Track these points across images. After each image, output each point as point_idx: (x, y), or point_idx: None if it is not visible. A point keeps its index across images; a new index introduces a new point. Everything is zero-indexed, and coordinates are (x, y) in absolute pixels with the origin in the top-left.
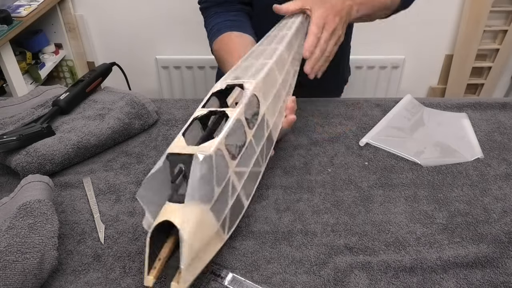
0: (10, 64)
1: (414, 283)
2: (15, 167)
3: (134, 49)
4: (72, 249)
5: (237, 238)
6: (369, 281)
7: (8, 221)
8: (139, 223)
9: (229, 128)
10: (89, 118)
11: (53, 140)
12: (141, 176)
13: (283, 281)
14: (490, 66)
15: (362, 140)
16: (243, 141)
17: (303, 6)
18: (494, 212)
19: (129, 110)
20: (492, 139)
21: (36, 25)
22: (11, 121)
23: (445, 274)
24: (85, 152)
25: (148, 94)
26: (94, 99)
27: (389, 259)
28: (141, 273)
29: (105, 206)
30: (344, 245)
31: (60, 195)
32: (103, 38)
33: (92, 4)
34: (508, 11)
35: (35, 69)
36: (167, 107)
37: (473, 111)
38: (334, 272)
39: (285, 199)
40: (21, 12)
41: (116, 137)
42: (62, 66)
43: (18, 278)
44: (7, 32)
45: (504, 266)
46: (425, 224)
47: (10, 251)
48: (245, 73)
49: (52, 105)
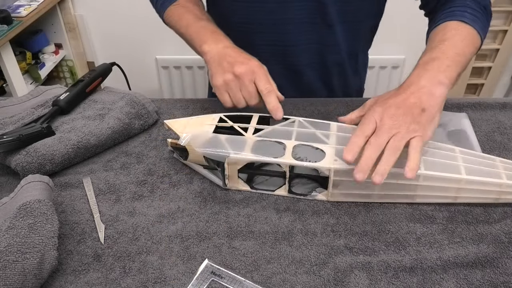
0: (10, 64)
1: (414, 283)
2: (15, 167)
3: (134, 49)
4: (72, 249)
5: (237, 238)
6: (369, 281)
7: (8, 221)
8: (139, 223)
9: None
10: (89, 118)
11: (53, 140)
12: (141, 176)
13: (283, 281)
14: (490, 66)
15: None
16: None
17: (363, 111)
18: (494, 212)
19: (129, 110)
20: (492, 139)
21: (36, 25)
22: (11, 121)
23: (445, 274)
24: (85, 152)
25: (148, 94)
26: (94, 99)
27: (389, 259)
28: (141, 273)
29: (105, 206)
30: (344, 245)
31: (60, 195)
32: (103, 38)
33: (92, 4)
34: (508, 11)
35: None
36: (167, 107)
37: (473, 111)
38: (334, 272)
39: (285, 199)
40: (21, 12)
41: (116, 137)
42: (62, 66)
43: (18, 278)
44: (7, 32)
45: (504, 266)
46: (425, 224)
47: (10, 251)
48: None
49: (52, 105)
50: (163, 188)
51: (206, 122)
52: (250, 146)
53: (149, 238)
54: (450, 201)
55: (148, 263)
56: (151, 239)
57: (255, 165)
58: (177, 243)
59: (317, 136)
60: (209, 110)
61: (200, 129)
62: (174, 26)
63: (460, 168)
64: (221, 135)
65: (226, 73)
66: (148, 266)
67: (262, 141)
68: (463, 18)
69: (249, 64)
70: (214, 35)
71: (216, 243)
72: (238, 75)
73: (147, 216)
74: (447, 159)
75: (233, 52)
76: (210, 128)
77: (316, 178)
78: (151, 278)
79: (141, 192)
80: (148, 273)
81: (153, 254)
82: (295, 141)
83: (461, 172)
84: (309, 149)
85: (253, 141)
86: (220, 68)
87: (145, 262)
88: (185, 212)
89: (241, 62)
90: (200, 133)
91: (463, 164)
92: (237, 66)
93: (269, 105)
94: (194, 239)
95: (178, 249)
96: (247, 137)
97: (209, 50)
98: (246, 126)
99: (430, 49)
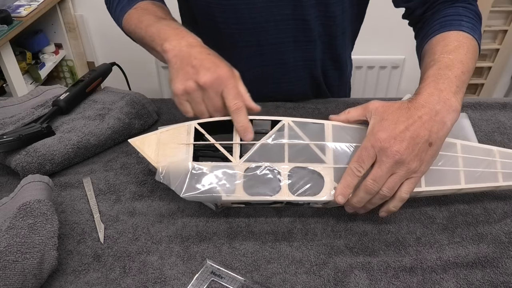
0: (10, 64)
1: (414, 283)
2: (15, 167)
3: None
4: (72, 249)
5: (237, 238)
6: (369, 281)
7: (8, 221)
8: (139, 223)
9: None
10: (89, 118)
11: (53, 140)
12: (141, 176)
13: (283, 281)
14: (490, 66)
15: None
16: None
17: (364, 115)
18: (494, 212)
19: (129, 110)
20: (492, 139)
21: (36, 25)
22: (11, 121)
23: (445, 274)
24: (85, 152)
25: (148, 94)
26: (94, 99)
27: (389, 259)
28: (141, 273)
29: (105, 206)
30: (344, 245)
31: (60, 195)
32: (103, 38)
33: (92, 4)
34: (508, 11)
35: (35, 69)
36: (167, 107)
37: (473, 111)
38: (334, 272)
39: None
40: (21, 12)
41: (116, 137)
42: (62, 66)
43: (18, 278)
44: (7, 32)
45: (504, 266)
46: (425, 224)
47: (10, 251)
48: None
49: (52, 105)
50: (163, 188)
51: (181, 139)
52: (241, 182)
53: (149, 238)
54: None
55: (148, 263)
56: (151, 239)
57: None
58: (177, 243)
59: (312, 152)
60: None
61: (176, 155)
62: (134, 31)
63: (460, 175)
64: (204, 166)
65: (188, 80)
66: (148, 266)
67: (254, 172)
68: (462, 28)
69: (216, 72)
70: (177, 31)
71: (216, 243)
72: (202, 85)
73: (147, 216)
74: (447, 164)
75: (198, 53)
76: (188, 152)
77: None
78: (151, 278)
79: (141, 192)
80: (148, 273)
81: (153, 254)
82: (288, 163)
83: (460, 181)
84: (305, 173)
85: (243, 173)
86: (182, 73)
87: (145, 262)
88: (185, 212)
89: (207, 69)
90: (177, 165)
91: (463, 169)
92: (202, 74)
93: (237, 124)
94: (194, 239)
95: (178, 249)
96: (234, 165)
97: (171, 48)
98: (230, 144)
99: (436, 62)
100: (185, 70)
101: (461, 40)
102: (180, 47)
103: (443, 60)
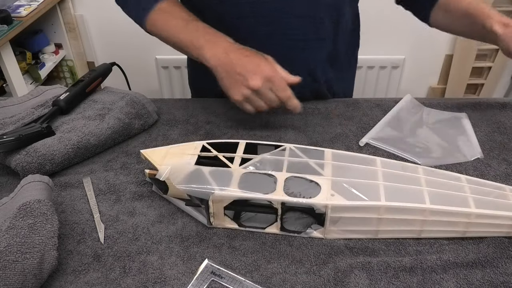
0: (10, 64)
1: (414, 283)
2: (15, 167)
3: (134, 49)
4: (72, 249)
5: (237, 238)
6: (369, 281)
7: (8, 221)
8: (139, 223)
9: None
10: (89, 118)
11: (53, 140)
12: (141, 176)
13: (283, 281)
14: (490, 66)
15: (362, 140)
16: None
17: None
18: None
19: (129, 110)
20: (492, 139)
21: (36, 25)
22: (11, 121)
23: (445, 274)
24: (85, 152)
25: (148, 94)
26: (94, 99)
27: (389, 259)
28: (141, 273)
29: (105, 206)
30: (344, 245)
31: (60, 195)
32: (103, 38)
33: (92, 4)
34: (508, 11)
35: (35, 69)
36: (167, 107)
37: (473, 111)
38: (334, 272)
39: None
40: (21, 12)
41: (116, 137)
42: (62, 66)
43: (18, 278)
44: (7, 32)
45: (504, 266)
46: None
47: (10, 251)
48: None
49: (52, 105)
50: None
51: (188, 152)
52: (236, 180)
53: (149, 238)
54: (459, 236)
55: (148, 263)
56: (151, 239)
57: (243, 200)
58: (177, 243)
59: (311, 166)
60: (209, 110)
61: (180, 160)
62: (160, 34)
63: (468, 200)
64: (204, 167)
65: (242, 87)
66: (148, 266)
67: (250, 174)
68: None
69: (261, 73)
70: (207, 38)
71: (216, 243)
72: (256, 89)
73: (147, 216)
74: (454, 189)
75: (237, 59)
76: (192, 159)
77: (311, 212)
78: (151, 278)
79: (141, 192)
80: (148, 273)
81: (153, 254)
82: (286, 173)
83: (470, 205)
84: (302, 182)
85: (240, 174)
86: (233, 82)
87: (145, 262)
88: (185, 212)
89: (253, 72)
90: (180, 165)
91: (472, 196)
92: (251, 79)
93: (290, 107)
94: (194, 239)
95: (178, 249)
96: (233, 169)
97: (209, 57)
98: (232, 155)
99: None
100: (234, 78)
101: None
102: (218, 55)
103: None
